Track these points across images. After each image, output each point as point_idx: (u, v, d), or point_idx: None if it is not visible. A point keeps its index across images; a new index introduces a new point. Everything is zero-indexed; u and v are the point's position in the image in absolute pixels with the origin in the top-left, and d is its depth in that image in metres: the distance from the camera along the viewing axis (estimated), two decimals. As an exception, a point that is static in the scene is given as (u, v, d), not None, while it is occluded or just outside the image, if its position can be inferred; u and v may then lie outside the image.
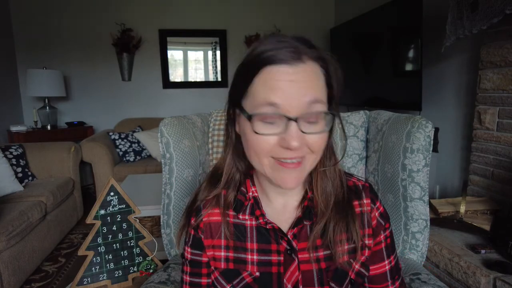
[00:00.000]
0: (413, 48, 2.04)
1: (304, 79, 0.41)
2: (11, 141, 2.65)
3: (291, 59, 0.41)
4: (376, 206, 0.53)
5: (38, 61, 2.97)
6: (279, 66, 0.41)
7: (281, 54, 0.41)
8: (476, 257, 1.22)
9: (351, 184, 0.54)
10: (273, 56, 0.41)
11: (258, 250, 0.51)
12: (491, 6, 1.39)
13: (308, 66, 0.42)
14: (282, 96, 0.41)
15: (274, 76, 0.41)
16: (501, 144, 1.53)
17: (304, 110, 0.41)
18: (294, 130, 0.41)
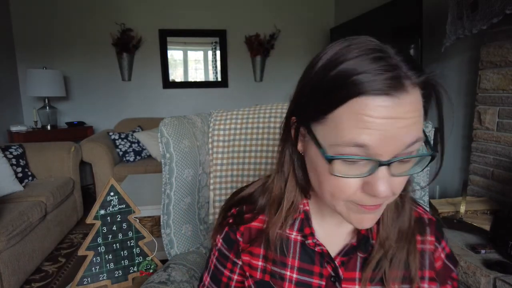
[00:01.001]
0: (413, 48, 2.04)
1: (406, 115, 0.32)
2: (11, 141, 2.65)
3: (391, 88, 0.31)
4: (442, 246, 0.45)
5: (38, 61, 2.97)
6: (376, 98, 0.31)
7: (379, 82, 0.31)
8: (476, 257, 1.22)
9: (416, 215, 0.45)
10: (368, 85, 0.31)
11: (299, 269, 0.46)
12: (491, 6, 1.39)
13: (411, 96, 0.32)
14: (376, 137, 0.32)
15: (367, 112, 0.32)
16: (501, 144, 1.53)
17: (400, 151, 0.33)
18: (384, 175, 0.33)
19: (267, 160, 0.94)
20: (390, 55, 0.34)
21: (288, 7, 3.41)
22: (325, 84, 0.34)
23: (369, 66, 0.32)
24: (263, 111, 0.99)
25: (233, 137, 0.96)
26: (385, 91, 0.32)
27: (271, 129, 0.96)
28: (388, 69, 0.32)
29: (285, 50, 3.44)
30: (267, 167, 0.94)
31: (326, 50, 0.37)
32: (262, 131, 0.95)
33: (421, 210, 0.47)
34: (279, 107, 1.02)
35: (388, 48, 0.35)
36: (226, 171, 0.96)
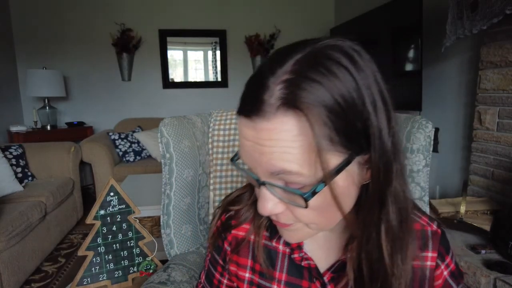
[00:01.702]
0: (413, 48, 2.04)
1: (265, 142, 0.30)
2: (11, 141, 2.65)
3: (251, 112, 0.30)
4: (446, 262, 0.41)
5: (38, 61, 2.97)
6: (243, 119, 0.32)
7: (244, 103, 0.31)
8: (476, 257, 1.22)
9: (418, 228, 0.41)
10: (240, 104, 0.32)
11: (286, 283, 0.44)
12: (491, 6, 1.39)
13: (272, 123, 0.29)
14: (246, 157, 0.33)
15: (240, 130, 0.33)
16: (501, 144, 1.53)
17: (270, 177, 0.32)
18: (265, 195, 0.33)
19: (267, 160, 0.94)
20: (266, 76, 0.30)
21: (288, 7, 3.41)
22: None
23: (247, 85, 0.32)
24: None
25: (233, 137, 0.96)
26: (247, 114, 0.31)
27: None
28: (253, 90, 0.31)
29: (285, 50, 3.44)
30: (267, 167, 0.93)
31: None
32: (262, 131, 0.95)
33: (425, 221, 0.42)
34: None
35: (273, 67, 0.30)
36: (226, 171, 0.96)
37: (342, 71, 0.29)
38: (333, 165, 0.30)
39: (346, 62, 0.30)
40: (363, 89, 0.30)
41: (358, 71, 0.30)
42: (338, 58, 0.30)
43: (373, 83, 0.31)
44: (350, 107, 0.29)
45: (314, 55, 0.30)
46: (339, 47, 0.31)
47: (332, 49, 0.31)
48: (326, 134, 0.29)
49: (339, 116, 0.29)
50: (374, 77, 0.32)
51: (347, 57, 0.30)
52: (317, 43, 0.31)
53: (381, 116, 0.31)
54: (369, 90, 0.30)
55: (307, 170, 0.30)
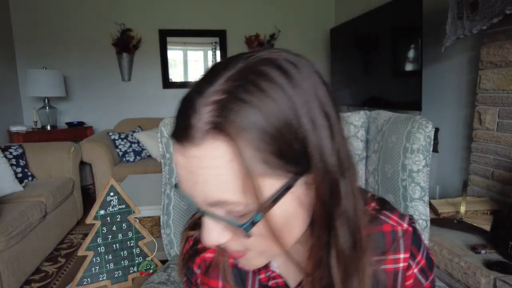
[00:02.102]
0: (413, 48, 2.04)
1: (197, 170, 0.28)
2: (11, 141, 2.65)
3: (181, 137, 0.28)
4: (417, 260, 0.40)
5: (38, 61, 2.97)
6: (175, 143, 0.29)
7: (174, 127, 0.29)
8: (476, 258, 1.22)
9: (387, 230, 0.39)
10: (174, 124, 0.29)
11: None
12: (491, 6, 1.39)
13: (203, 149, 0.27)
14: (183, 187, 0.30)
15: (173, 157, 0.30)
16: (501, 144, 1.53)
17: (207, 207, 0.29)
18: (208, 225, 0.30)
19: (267, 160, 0.94)
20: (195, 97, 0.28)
21: (288, 7, 3.41)
22: None
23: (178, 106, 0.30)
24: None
25: (233, 137, 0.96)
26: (177, 139, 0.28)
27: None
28: (183, 113, 0.28)
29: (285, 50, 3.44)
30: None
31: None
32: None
33: (395, 221, 0.40)
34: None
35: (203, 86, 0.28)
36: (226, 171, 0.96)
37: (275, 88, 0.27)
38: (274, 190, 0.28)
39: (280, 78, 0.28)
40: (300, 106, 0.28)
41: (294, 86, 0.28)
42: (271, 74, 0.28)
43: (312, 98, 0.29)
44: (285, 127, 0.27)
45: (245, 71, 0.28)
46: (272, 60, 0.29)
47: (265, 63, 0.28)
48: (261, 158, 0.26)
49: (273, 138, 0.27)
50: (314, 90, 0.30)
51: (282, 72, 0.28)
52: (250, 57, 0.29)
53: (322, 133, 0.29)
54: (307, 107, 0.28)
55: (246, 198, 0.27)
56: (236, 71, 0.28)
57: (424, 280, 0.41)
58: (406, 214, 0.41)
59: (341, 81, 3.03)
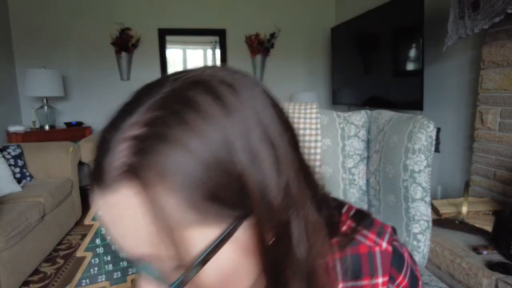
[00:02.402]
0: (414, 48, 2.03)
1: (117, 220, 0.24)
2: (9, 141, 2.64)
3: (96, 180, 0.24)
4: (397, 282, 0.36)
5: (37, 61, 2.96)
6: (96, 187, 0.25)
7: (91, 168, 0.25)
8: (478, 258, 1.21)
9: (363, 252, 0.34)
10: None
11: None
12: (493, 6, 1.38)
13: (119, 196, 0.23)
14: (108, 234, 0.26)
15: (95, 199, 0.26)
16: (503, 144, 1.52)
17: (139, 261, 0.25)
18: (145, 280, 0.26)
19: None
20: (111, 130, 0.24)
21: (288, 6, 3.40)
22: None
23: (97, 139, 0.25)
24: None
25: (233, 137, 0.95)
26: (95, 182, 0.24)
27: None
28: (97, 151, 0.24)
29: (285, 50, 3.43)
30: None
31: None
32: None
33: (372, 240, 0.34)
34: (279, 107, 1.01)
35: (121, 116, 0.25)
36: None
37: (204, 120, 0.23)
38: (209, 240, 0.23)
39: (211, 107, 0.23)
40: (236, 138, 0.23)
41: (229, 115, 0.24)
42: (201, 102, 0.23)
43: (253, 126, 0.24)
44: (217, 166, 0.22)
45: (170, 99, 0.24)
46: (204, 83, 0.25)
47: (194, 87, 0.24)
48: (189, 205, 0.22)
49: (203, 181, 0.22)
50: (257, 115, 0.25)
51: (214, 98, 0.24)
52: (178, 79, 0.25)
53: (264, 167, 0.24)
54: (245, 138, 0.24)
55: (174, 252, 0.23)
56: (160, 98, 0.24)
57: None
58: (387, 229, 0.36)
59: (342, 80, 3.03)
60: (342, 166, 0.99)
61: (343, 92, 3.02)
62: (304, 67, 3.53)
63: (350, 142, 0.99)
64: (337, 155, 0.99)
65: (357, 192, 0.98)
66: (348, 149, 0.99)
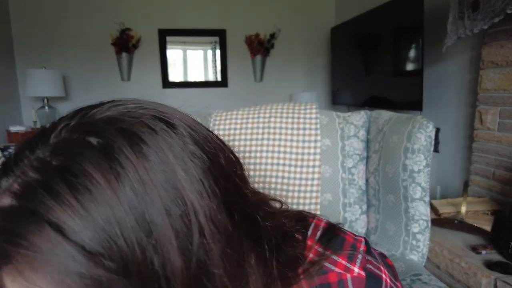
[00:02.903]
0: (414, 48, 2.03)
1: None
2: (10, 141, 2.64)
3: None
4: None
5: (37, 61, 2.96)
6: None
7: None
8: (477, 258, 1.21)
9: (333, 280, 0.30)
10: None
11: None
12: (492, 6, 1.38)
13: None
14: None
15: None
16: (502, 145, 1.53)
17: None
18: None
19: (267, 161, 0.93)
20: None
21: (288, 6, 3.41)
22: None
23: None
24: (263, 111, 0.98)
25: (233, 137, 0.96)
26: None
27: (271, 129, 0.95)
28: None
29: (285, 50, 3.43)
30: (267, 167, 0.93)
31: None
32: (262, 131, 0.94)
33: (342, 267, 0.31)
34: (279, 107, 1.01)
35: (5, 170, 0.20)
36: (226, 171, 0.95)
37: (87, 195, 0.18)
38: None
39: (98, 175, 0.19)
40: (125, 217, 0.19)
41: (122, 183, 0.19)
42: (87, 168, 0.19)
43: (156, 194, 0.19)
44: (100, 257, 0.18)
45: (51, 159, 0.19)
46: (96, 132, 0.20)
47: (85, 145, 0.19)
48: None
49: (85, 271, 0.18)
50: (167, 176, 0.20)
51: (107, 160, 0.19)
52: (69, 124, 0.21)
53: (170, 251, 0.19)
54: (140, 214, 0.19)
55: None
56: (38, 158, 0.20)
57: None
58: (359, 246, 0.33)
59: (341, 81, 3.03)
60: (341, 166, 0.99)
61: (343, 93, 3.02)
62: (304, 67, 3.54)
63: (349, 142, 1.00)
64: (336, 155, 0.99)
65: (357, 192, 0.99)
66: (347, 149, 0.99)
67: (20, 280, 0.18)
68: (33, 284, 0.18)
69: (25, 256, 0.18)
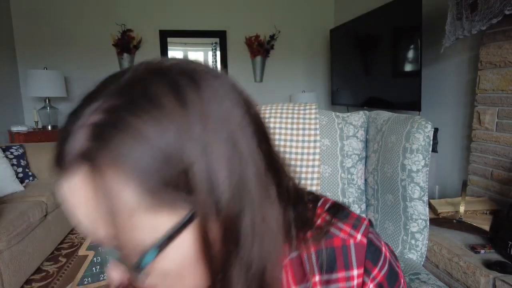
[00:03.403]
0: (412, 49, 2.04)
1: (75, 202, 0.25)
2: (12, 141, 2.66)
3: (56, 163, 0.25)
4: (372, 275, 0.34)
5: (39, 61, 2.97)
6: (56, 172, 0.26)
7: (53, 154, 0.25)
8: (475, 257, 1.22)
9: (337, 245, 0.34)
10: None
11: None
12: (491, 7, 1.39)
13: (78, 182, 0.24)
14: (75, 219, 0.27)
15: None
16: (500, 145, 1.54)
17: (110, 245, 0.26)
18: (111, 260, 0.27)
19: (267, 160, 0.94)
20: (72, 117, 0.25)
21: (288, 7, 3.42)
22: None
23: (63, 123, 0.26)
24: (262, 112, 0.99)
25: (234, 137, 0.96)
26: (55, 167, 0.25)
27: (271, 129, 0.96)
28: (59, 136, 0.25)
29: (285, 51, 3.44)
30: (267, 167, 0.94)
31: None
32: (262, 132, 0.95)
33: (346, 233, 0.34)
34: (279, 107, 1.02)
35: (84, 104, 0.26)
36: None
37: (159, 111, 0.23)
38: (167, 226, 0.24)
39: (167, 99, 0.24)
40: (189, 132, 0.24)
41: (186, 108, 0.24)
42: (158, 93, 0.24)
43: (210, 121, 0.24)
44: (168, 158, 0.23)
45: (130, 87, 0.25)
46: (164, 73, 0.25)
47: (154, 77, 0.25)
48: (144, 191, 0.23)
49: (155, 170, 0.23)
50: (216, 110, 0.25)
51: (171, 90, 0.24)
52: (140, 68, 0.26)
53: (215, 162, 0.24)
54: (199, 132, 0.24)
55: (131, 236, 0.24)
56: (119, 87, 0.25)
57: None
58: (363, 221, 0.35)
59: (341, 81, 3.04)
60: (340, 166, 1.00)
61: (342, 93, 3.03)
62: (304, 68, 3.55)
63: (348, 142, 1.01)
64: (336, 155, 1.00)
65: (356, 191, 0.99)
66: (346, 149, 1.00)
67: (100, 178, 0.23)
68: (111, 181, 0.22)
69: (108, 157, 0.22)
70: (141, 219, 0.23)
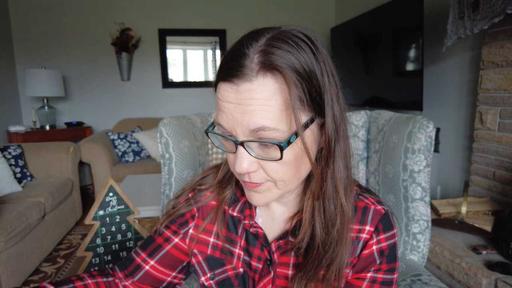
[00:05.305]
0: (414, 48, 2.03)
1: (246, 102, 0.34)
2: (10, 141, 2.64)
3: (233, 76, 0.35)
4: (379, 238, 0.44)
5: (37, 61, 2.96)
6: (223, 84, 0.36)
7: (224, 70, 0.36)
8: (477, 258, 1.21)
9: (361, 205, 0.46)
10: (220, 72, 0.37)
11: (244, 248, 0.50)
12: (492, 6, 1.38)
13: (254, 84, 0.34)
14: (226, 119, 0.37)
15: (219, 95, 0.37)
16: (502, 145, 1.53)
17: (249, 135, 0.36)
18: (242, 154, 0.37)
19: (267, 161, 0.93)
20: (244, 48, 0.35)
21: (288, 6, 3.41)
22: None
23: (226, 56, 0.37)
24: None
25: (233, 137, 0.96)
26: (228, 79, 0.35)
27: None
28: (234, 57, 0.36)
29: (285, 50, 3.43)
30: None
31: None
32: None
33: (371, 201, 0.46)
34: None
35: (249, 42, 0.36)
36: (226, 171, 0.95)
37: (305, 46, 0.35)
38: (303, 122, 0.36)
39: (308, 41, 0.36)
40: (321, 63, 0.36)
41: (317, 50, 0.37)
42: (301, 37, 0.36)
43: (326, 63, 0.37)
44: (312, 74, 0.35)
45: (282, 34, 0.36)
46: (301, 31, 0.37)
47: (296, 31, 0.37)
48: (297, 94, 0.34)
49: (305, 80, 0.35)
50: (327, 59, 0.38)
51: (308, 39, 0.37)
52: (281, 28, 0.37)
53: (332, 87, 0.38)
54: (325, 66, 0.37)
55: (282, 126, 0.35)
56: (275, 33, 0.36)
57: (378, 260, 0.44)
58: (383, 203, 0.46)
59: (342, 80, 3.01)
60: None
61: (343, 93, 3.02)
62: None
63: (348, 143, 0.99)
64: (337, 155, 0.99)
65: (357, 192, 0.98)
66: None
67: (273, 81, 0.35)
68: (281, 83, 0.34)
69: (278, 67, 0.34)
70: (295, 111, 0.34)
